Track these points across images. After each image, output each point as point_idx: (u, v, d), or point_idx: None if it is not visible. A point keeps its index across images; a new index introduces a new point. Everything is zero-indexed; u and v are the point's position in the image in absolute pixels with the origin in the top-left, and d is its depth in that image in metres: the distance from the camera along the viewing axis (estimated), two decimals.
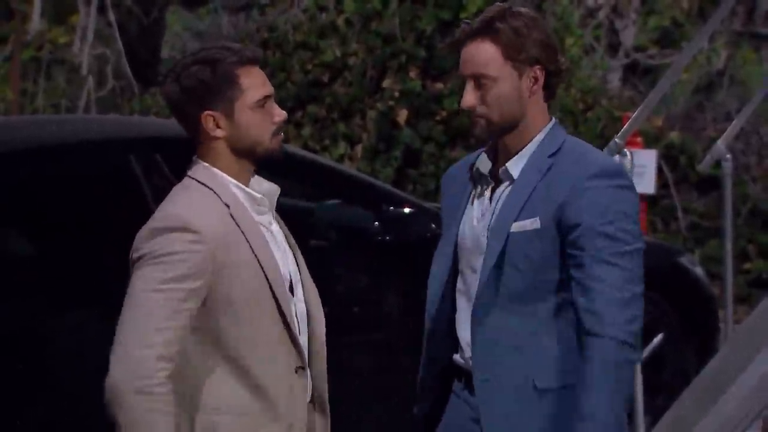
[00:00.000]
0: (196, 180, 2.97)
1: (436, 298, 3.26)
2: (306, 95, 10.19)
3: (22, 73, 11.94)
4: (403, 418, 3.61)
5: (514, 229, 3.09)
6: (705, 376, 5.23)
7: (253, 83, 2.96)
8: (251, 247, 2.92)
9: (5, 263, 4.68)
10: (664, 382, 6.24)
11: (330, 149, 10.07)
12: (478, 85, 3.12)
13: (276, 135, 3.01)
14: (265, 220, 3.01)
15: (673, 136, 11.62)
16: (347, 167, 8.72)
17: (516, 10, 3.14)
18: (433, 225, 5.35)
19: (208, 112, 2.94)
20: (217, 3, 13.38)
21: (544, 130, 3.18)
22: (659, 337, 5.94)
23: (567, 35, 10.87)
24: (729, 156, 5.68)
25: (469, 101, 3.13)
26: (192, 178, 2.98)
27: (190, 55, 2.98)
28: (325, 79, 10.21)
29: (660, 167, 10.37)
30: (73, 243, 4.74)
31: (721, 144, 5.70)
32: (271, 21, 10.90)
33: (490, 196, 3.20)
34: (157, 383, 2.78)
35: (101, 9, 12.20)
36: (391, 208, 5.50)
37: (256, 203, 3.00)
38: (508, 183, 3.17)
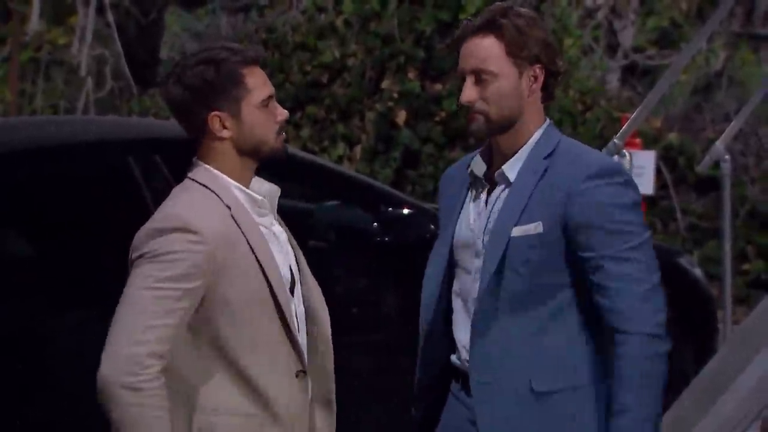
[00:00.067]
0: (197, 182, 2.96)
1: (432, 300, 3.26)
2: (305, 96, 10.18)
3: (21, 74, 11.94)
4: (402, 419, 3.61)
5: (514, 233, 3.09)
6: (704, 377, 5.25)
7: (258, 83, 2.96)
8: (252, 249, 2.91)
9: (4, 264, 4.67)
10: None
11: (329, 150, 10.07)
12: (478, 80, 3.12)
13: (279, 134, 3.01)
14: (266, 221, 3.01)
15: (672, 137, 11.62)
16: (346, 168, 8.71)
17: (518, 9, 3.15)
18: (432, 226, 5.34)
19: (214, 113, 2.93)
20: (215, 4, 13.38)
21: (539, 131, 3.18)
22: None
23: (566, 36, 10.87)
24: (727, 157, 5.69)
25: (469, 96, 3.13)
26: (193, 180, 2.97)
27: (191, 55, 2.95)
28: (324, 80, 10.21)
29: (659, 168, 10.37)
30: (71, 244, 4.74)
31: (719, 145, 5.70)
32: (270, 22, 10.90)
33: (485, 198, 3.20)
34: (145, 379, 2.77)
35: (100, 10, 12.21)
36: (390, 209, 5.49)
37: (257, 205, 2.99)
38: (505, 186, 3.16)
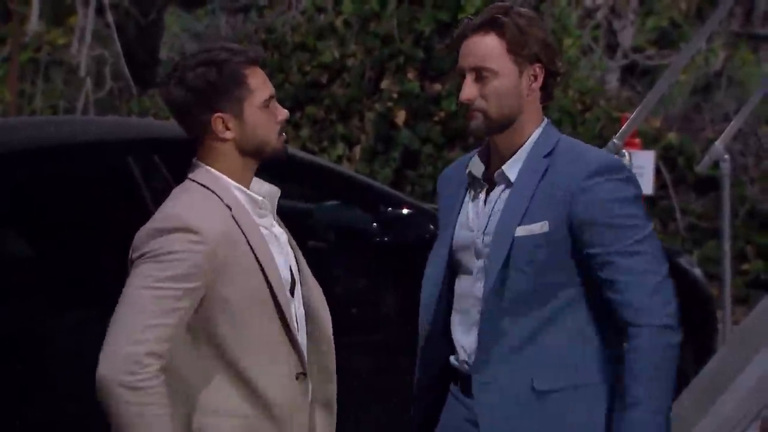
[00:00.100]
0: (198, 182, 2.95)
1: (432, 300, 3.26)
2: (304, 96, 10.19)
3: (21, 74, 11.94)
4: (401, 419, 3.61)
5: (518, 233, 3.09)
6: (703, 377, 5.25)
7: (259, 83, 2.95)
8: (252, 249, 2.91)
9: (3, 264, 4.67)
10: None
11: (328, 150, 10.07)
12: (478, 78, 3.12)
13: (280, 135, 3.00)
14: (266, 222, 3.00)
15: (671, 136, 11.62)
16: (346, 168, 8.71)
17: (518, 8, 3.16)
18: (432, 226, 5.34)
19: (217, 114, 2.92)
20: (215, 4, 13.38)
21: (537, 131, 3.18)
22: None
23: (565, 36, 10.88)
24: (727, 157, 5.68)
25: (469, 94, 3.13)
26: (193, 181, 2.96)
27: (191, 56, 2.94)
28: (324, 80, 10.21)
29: (658, 168, 10.38)
30: (71, 244, 4.74)
31: (719, 145, 5.70)
32: (270, 22, 10.90)
33: (484, 198, 3.20)
34: (144, 378, 2.77)
35: (99, 10, 12.21)
36: (390, 209, 5.49)
37: (258, 206, 2.99)
38: (505, 186, 3.16)
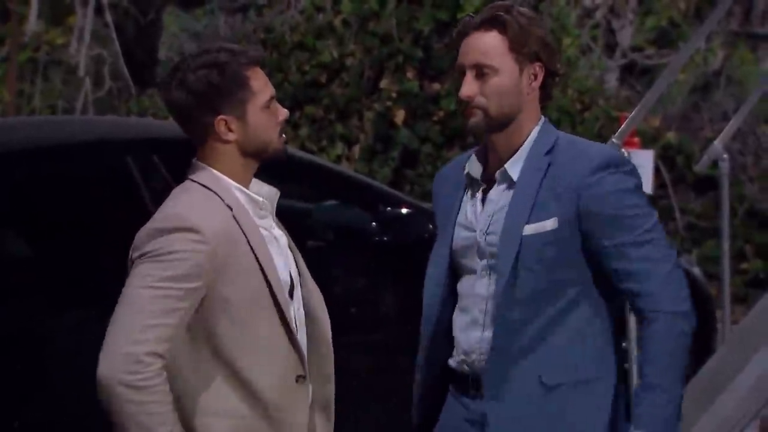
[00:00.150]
0: (198, 182, 2.94)
1: (434, 300, 3.26)
2: (303, 96, 10.18)
3: (19, 74, 11.93)
4: (401, 419, 3.61)
5: (527, 231, 3.09)
6: (703, 377, 5.25)
7: (261, 84, 2.94)
8: (252, 250, 2.90)
9: (2, 264, 4.67)
10: None
11: (327, 150, 10.07)
12: (479, 75, 3.12)
13: (281, 135, 2.99)
14: (266, 224, 2.99)
15: (670, 136, 11.62)
16: (345, 168, 8.71)
17: (519, 7, 3.17)
18: (431, 225, 5.34)
19: (220, 117, 2.91)
20: (214, 4, 13.37)
21: (536, 129, 3.19)
22: None
23: (564, 35, 10.87)
24: (726, 156, 5.68)
25: (469, 91, 3.13)
26: (193, 181, 2.95)
27: (191, 58, 2.92)
28: (323, 79, 10.21)
29: (657, 167, 10.37)
30: (70, 244, 4.74)
31: (718, 144, 5.70)
32: (268, 22, 10.89)
33: (482, 198, 3.20)
34: (145, 377, 2.76)
35: (98, 10, 12.20)
36: (389, 208, 5.50)
37: (258, 207, 2.98)
38: (507, 185, 3.17)
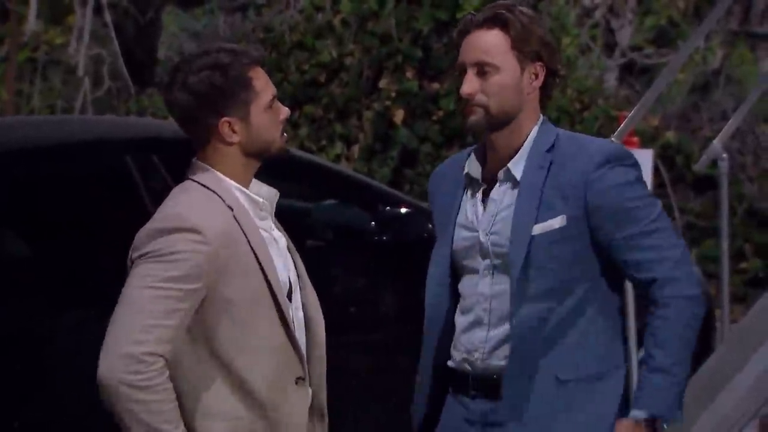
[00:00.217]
0: (199, 183, 2.93)
1: (436, 300, 3.26)
2: (303, 95, 10.18)
3: (18, 73, 11.93)
4: (401, 419, 3.61)
5: (536, 231, 3.10)
6: (702, 376, 5.25)
7: (263, 84, 2.93)
8: (253, 251, 2.89)
9: (1, 264, 4.67)
10: None
11: (327, 149, 10.06)
12: (480, 72, 3.12)
13: (283, 134, 2.98)
14: (266, 225, 2.98)
15: (670, 135, 11.62)
16: (344, 167, 8.71)
17: (521, 6, 3.16)
18: (430, 225, 5.34)
19: (224, 119, 2.89)
20: (213, 3, 13.37)
21: (535, 128, 3.19)
22: None
23: (563, 35, 10.87)
24: (725, 155, 5.68)
25: (470, 88, 3.12)
26: (194, 181, 2.94)
27: (193, 59, 2.90)
28: (322, 79, 10.20)
29: (656, 167, 10.36)
30: (69, 244, 4.73)
31: (717, 143, 5.69)
32: (268, 21, 10.89)
33: (482, 198, 3.20)
34: (149, 377, 2.75)
35: (97, 10, 12.19)
36: (388, 208, 5.50)
37: (259, 208, 2.97)
38: (511, 184, 3.16)
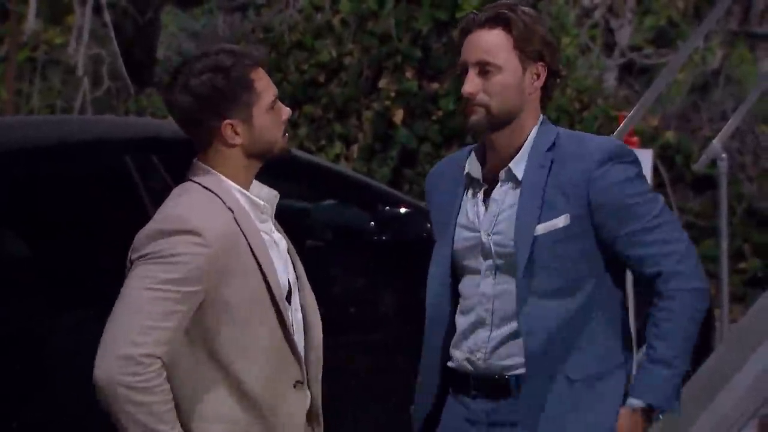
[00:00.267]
0: (200, 184, 2.91)
1: (437, 300, 3.26)
2: (302, 95, 10.18)
3: (18, 73, 11.93)
4: (400, 419, 3.61)
5: (539, 231, 3.09)
6: (701, 375, 5.26)
7: (264, 85, 2.92)
8: (253, 253, 2.88)
9: (0, 264, 4.67)
10: None
11: (326, 149, 10.06)
12: (482, 72, 3.12)
13: (284, 134, 2.97)
14: (266, 227, 2.97)
15: (669, 135, 11.63)
16: (343, 167, 8.71)
17: (522, 6, 3.16)
18: (429, 225, 5.34)
19: (227, 121, 2.88)
20: (212, 3, 13.37)
21: (535, 128, 3.18)
22: None
23: (563, 35, 10.88)
24: (724, 155, 5.68)
25: (471, 87, 3.12)
26: (195, 182, 2.92)
27: (194, 60, 2.89)
28: (321, 79, 10.20)
29: (656, 166, 10.36)
30: (68, 244, 4.73)
31: (716, 143, 5.70)
32: (267, 21, 10.89)
33: (483, 198, 3.20)
34: (143, 379, 2.74)
35: (97, 9, 12.18)
36: (387, 208, 5.50)
37: (260, 210, 2.96)
38: (512, 184, 3.16)
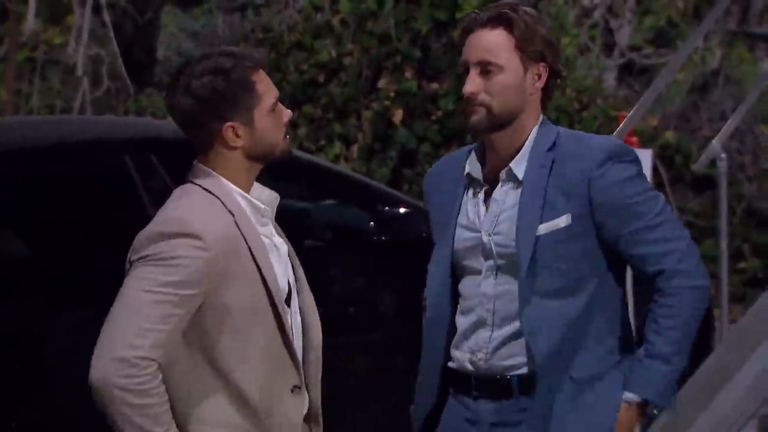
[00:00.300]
0: (200, 186, 2.90)
1: (437, 300, 3.25)
2: (301, 95, 10.18)
3: (17, 73, 11.93)
4: (400, 419, 3.61)
5: (541, 231, 3.09)
6: (701, 375, 5.26)
7: (265, 87, 2.91)
8: (253, 257, 2.87)
9: (1, 264, 4.67)
10: None
11: (325, 149, 10.06)
12: (484, 72, 3.11)
13: (286, 135, 2.96)
14: (267, 231, 2.96)
15: (669, 135, 11.63)
16: (343, 167, 8.71)
17: (523, 6, 3.16)
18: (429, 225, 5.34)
19: (228, 124, 2.87)
20: (212, 3, 13.38)
21: (535, 128, 3.18)
22: None
23: (562, 35, 10.88)
24: (724, 155, 5.69)
25: (473, 87, 3.11)
26: (195, 184, 2.91)
27: (195, 62, 2.88)
28: (321, 79, 10.20)
29: (655, 166, 10.37)
30: (67, 244, 4.73)
31: (716, 143, 5.70)
32: (267, 21, 10.89)
33: (483, 198, 3.20)
34: (140, 381, 2.74)
35: (96, 9, 12.18)
36: (387, 208, 5.50)
37: (260, 214, 2.95)
38: (513, 185, 3.16)
